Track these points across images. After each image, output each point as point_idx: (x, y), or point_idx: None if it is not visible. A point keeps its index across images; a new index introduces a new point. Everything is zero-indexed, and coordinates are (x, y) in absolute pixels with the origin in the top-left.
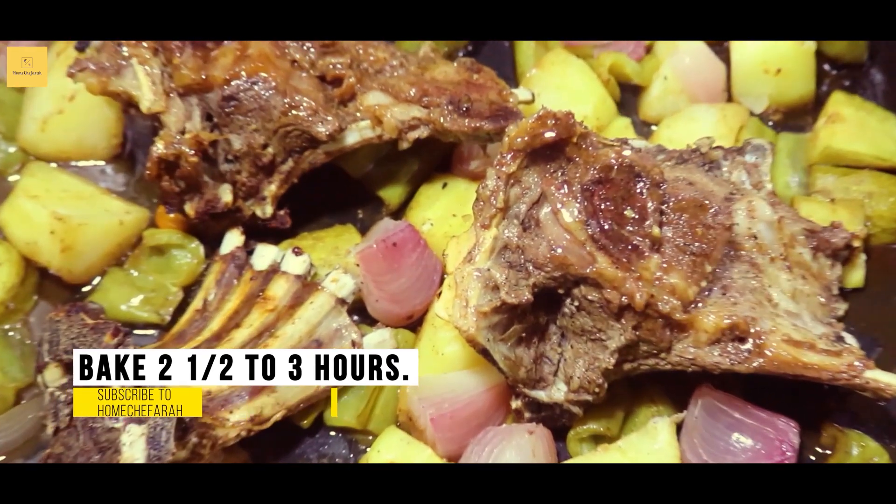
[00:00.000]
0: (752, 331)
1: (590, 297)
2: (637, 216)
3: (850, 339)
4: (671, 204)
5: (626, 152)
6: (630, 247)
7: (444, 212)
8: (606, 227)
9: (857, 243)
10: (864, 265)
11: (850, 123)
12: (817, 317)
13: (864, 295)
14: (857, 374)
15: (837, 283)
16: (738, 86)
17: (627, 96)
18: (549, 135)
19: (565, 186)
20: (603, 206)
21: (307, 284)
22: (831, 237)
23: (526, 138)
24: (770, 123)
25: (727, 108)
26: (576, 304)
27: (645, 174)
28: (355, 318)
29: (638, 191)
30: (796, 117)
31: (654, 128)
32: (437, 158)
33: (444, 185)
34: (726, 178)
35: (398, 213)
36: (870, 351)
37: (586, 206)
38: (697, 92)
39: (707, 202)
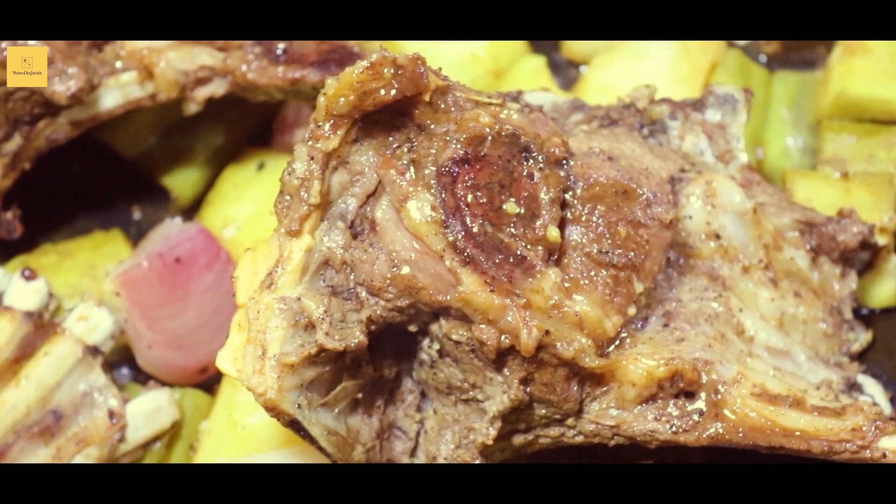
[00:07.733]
0: (706, 381)
1: (454, 337)
2: (523, 211)
3: (872, 387)
4: (579, 191)
5: (510, 114)
6: (513, 259)
7: (258, 207)
8: (476, 229)
9: (882, 240)
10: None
11: (879, 57)
12: (819, 354)
13: None
14: (866, 443)
15: (852, 302)
16: None
17: None
18: (388, 92)
19: (413, 169)
20: (471, 198)
21: (42, 326)
22: (839, 232)
23: (352, 98)
24: (762, 59)
25: None
26: (436, 347)
27: (537, 147)
28: (121, 372)
29: (525, 173)
30: (803, 48)
31: (582, 69)
32: (249, 128)
33: (261, 167)
34: (675, 148)
35: (193, 210)
36: None
37: (446, 199)
38: None
39: (635, 186)
